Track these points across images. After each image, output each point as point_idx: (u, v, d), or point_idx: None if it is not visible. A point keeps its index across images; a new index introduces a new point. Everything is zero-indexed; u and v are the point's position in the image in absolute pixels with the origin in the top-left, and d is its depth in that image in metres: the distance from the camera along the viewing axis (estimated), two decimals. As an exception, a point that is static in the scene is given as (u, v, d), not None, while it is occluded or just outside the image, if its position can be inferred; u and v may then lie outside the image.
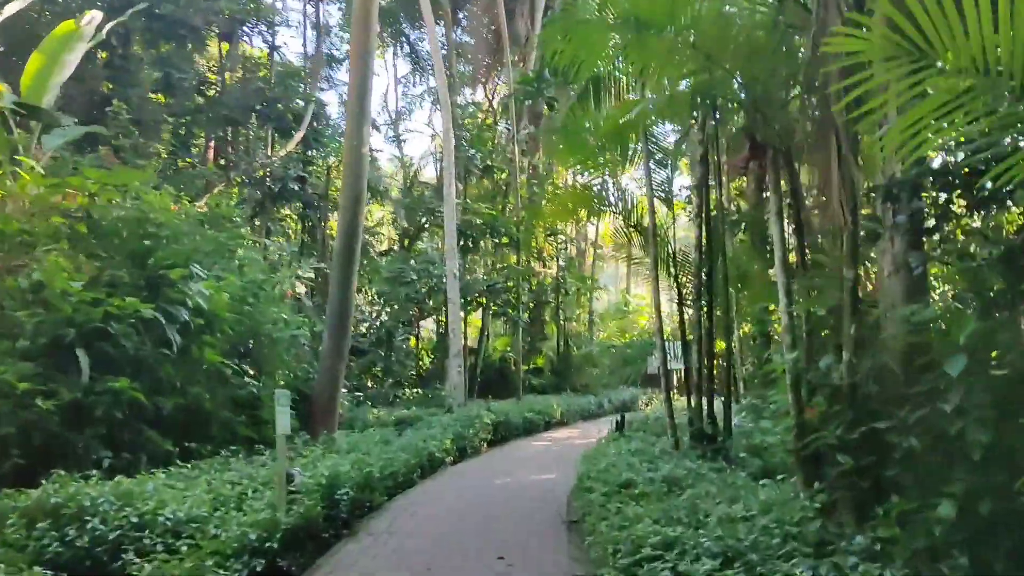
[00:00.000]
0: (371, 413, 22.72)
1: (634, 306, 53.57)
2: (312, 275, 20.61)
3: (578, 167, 13.61)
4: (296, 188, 21.44)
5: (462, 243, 23.18)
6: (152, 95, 22.87)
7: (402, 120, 36.77)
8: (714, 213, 13.08)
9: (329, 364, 16.06)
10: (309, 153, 26.06)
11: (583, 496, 9.92)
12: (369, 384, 27.14)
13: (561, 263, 31.11)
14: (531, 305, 32.08)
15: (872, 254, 8.00)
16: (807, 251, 8.66)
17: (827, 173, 8.02)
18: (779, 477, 9.29)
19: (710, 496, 8.47)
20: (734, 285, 12.97)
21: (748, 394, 14.18)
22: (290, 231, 27.41)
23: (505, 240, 25.69)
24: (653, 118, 12.19)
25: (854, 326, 7.30)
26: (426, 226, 30.56)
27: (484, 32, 33.04)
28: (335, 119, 31.70)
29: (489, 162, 27.17)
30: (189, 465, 11.62)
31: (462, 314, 23.54)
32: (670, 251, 13.58)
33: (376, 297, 31.39)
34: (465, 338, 24.53)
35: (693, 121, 12.61)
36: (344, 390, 25.71)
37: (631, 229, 14.26)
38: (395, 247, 32.83)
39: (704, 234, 12.87)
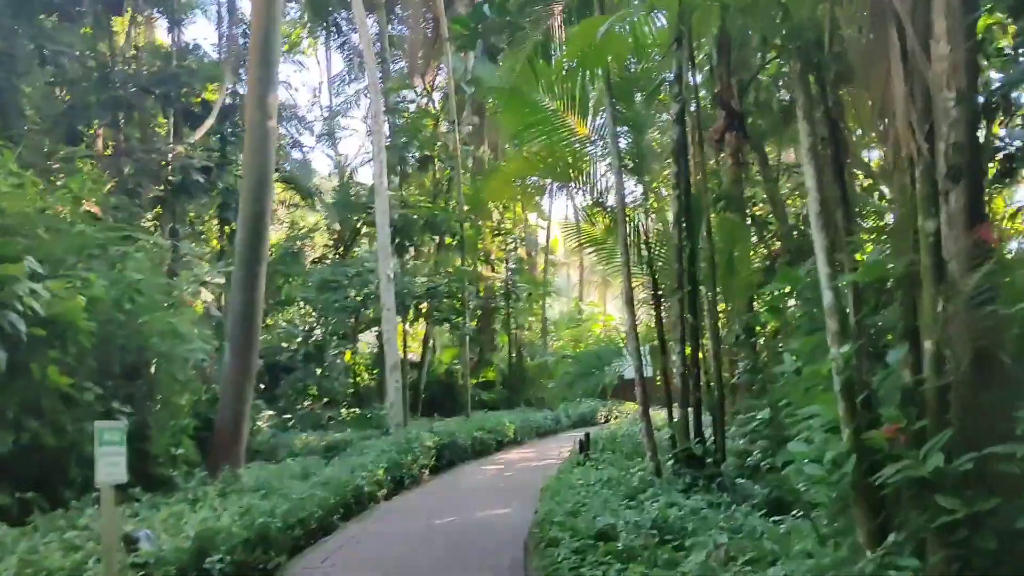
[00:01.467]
0: (298, 439, 19.91)
1: (588, 314, 51.37)
2: (223, 280, 17.80)
3: (526, 134, 11.10)
4: (201, 180, 18.58)
5: (397, 241, 20.51)
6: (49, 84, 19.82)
7: (337, 118, 33.87)
8: (696, 184, 10.67)
9: (233, 385, 13.27)
10: (227, 149, 23.28)
11: (546, 553, 7.32)
12: (302, 405, 24.22)
13: (510, 266, 28.59)
14: (479, 312, 29.46)
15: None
16: (848, 202, 6.24)
17: (885, 91, 5.59)
18: (797, 513, 6.90)
19: (725, 553, 5.99)
20: (722, 270, 10.55)
21: (737, 405, 11.80)
22: (204, 234, 24.33)
23: (449, 241, 23.04)
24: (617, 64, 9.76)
25: (941, 300, 4.91)
26: (362, 230, 27.81)
27: (421, 21, 30.53)
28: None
29: (428, 152, 24.50)
30: (27, 521, 8.82)
31: (399, 322, 20.85)
32: (642, 231, 11.14)
33: (309, 310, 28.55)
34: (404, 350, 21.81)
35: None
36: (268, 412, 22.97)
37: (594, 207, 11.78)
38: (330, 255, 29.99)
39: (683, 209, 10.46)
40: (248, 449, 17.60)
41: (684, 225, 10.49)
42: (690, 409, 10.52)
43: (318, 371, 22.97)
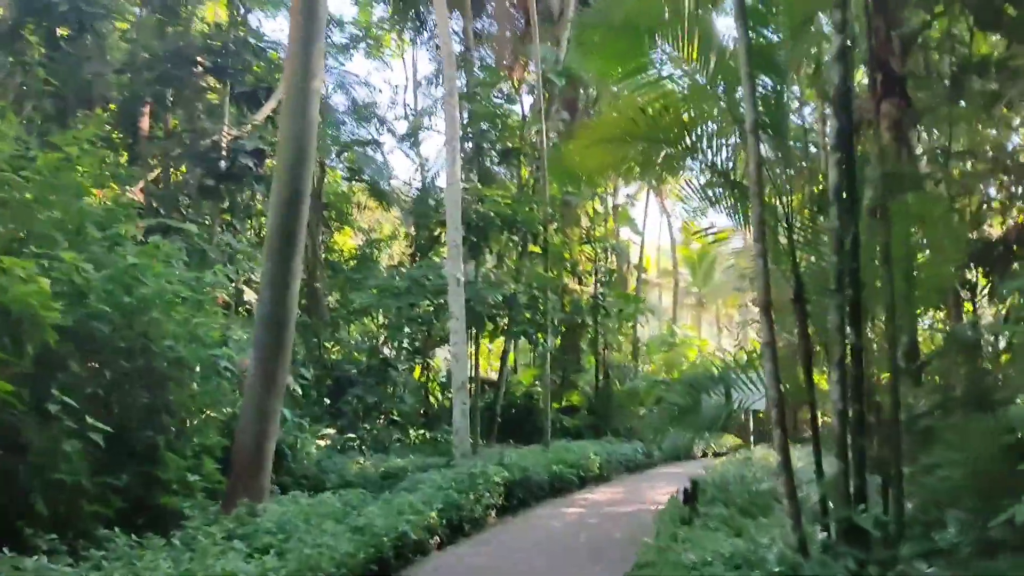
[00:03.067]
0: (354, 464, 17.52)
1: (682, 338, 47.97)
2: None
3: (628, 80, 8.33)
4: (251, 166, 16.52)
5: (471, 242, 17.92)
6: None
7: (423, 118, 31.71)
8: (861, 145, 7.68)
9: (255, 399, 10.86)
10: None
11: None
12: (366, 425, 21.87)
13: (600, 278, 25.63)
14: (562, 329, 26.63)
15: None
16: None
17: None
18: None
19: None
20: (901, 267, 7.49)
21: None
22: (252, 227, 22.14)
23: (533, 248, 20.22)
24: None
25: None
26: (441, 236, 25.44)
27: (509, 14, 28.18)
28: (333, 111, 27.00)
29: (511, 144, 21.92)
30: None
31: (472, 335, 18.24)
32: (784, 208, 8.13)
33: (379, 321, 26.31)
34: (476, 368, 19.19)
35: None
36: (327, 431, 20.64)
37: (716, 176, 8.84)
38: (406, 263, 27.74)
39: (845, 180, 7.46)
40: (287, 475, 15.38)
41: (846, 202, 7.49)
42: (850, 458, 7.45)
43: (383, 388, 20.55)
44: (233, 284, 15.44)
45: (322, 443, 19.97)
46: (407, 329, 21.31)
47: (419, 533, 10.57)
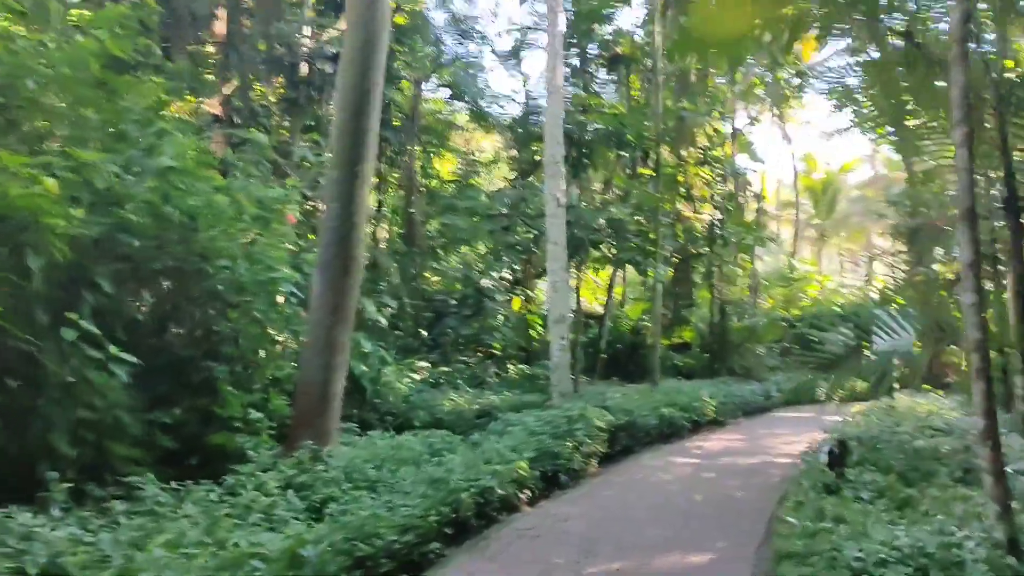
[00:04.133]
0: (447, 400, 16.27)
1: (802, 273, 44.80)
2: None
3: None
4: (330, 72, 15.03)
5: (573, 158, 15.96)
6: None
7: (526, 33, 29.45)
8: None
9: (321, 327, 9.50)
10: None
11: None
12: (462, 358, 20.60)
13: (717, 203, 23.11)
14: (675, 260, 24.48)
15: None
16: None
17: None
18: None
19: None
20: None
21: None
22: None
23: (646, 172, 17.96)
24: None
25: None
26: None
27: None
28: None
29: (620, 50, 19.51)
30: None
31: (574, 264, 16.45)
32: (995, 82, 5.90)
33: (476, 252, 24.79)
34: (577, 300, 17.41)
35: None
36: (422, 364, 19.47)
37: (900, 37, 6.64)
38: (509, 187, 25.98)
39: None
40: (372, 411, 14.21)
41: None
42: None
43: (481, 320, 19.12)
44: (308, 201, 14.14)
45: (417, 376, 18.90)
46: (504, 257, 19.69)
47: (507, 487, 9.08)
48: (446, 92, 27.33)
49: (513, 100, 26.28)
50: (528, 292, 24.47)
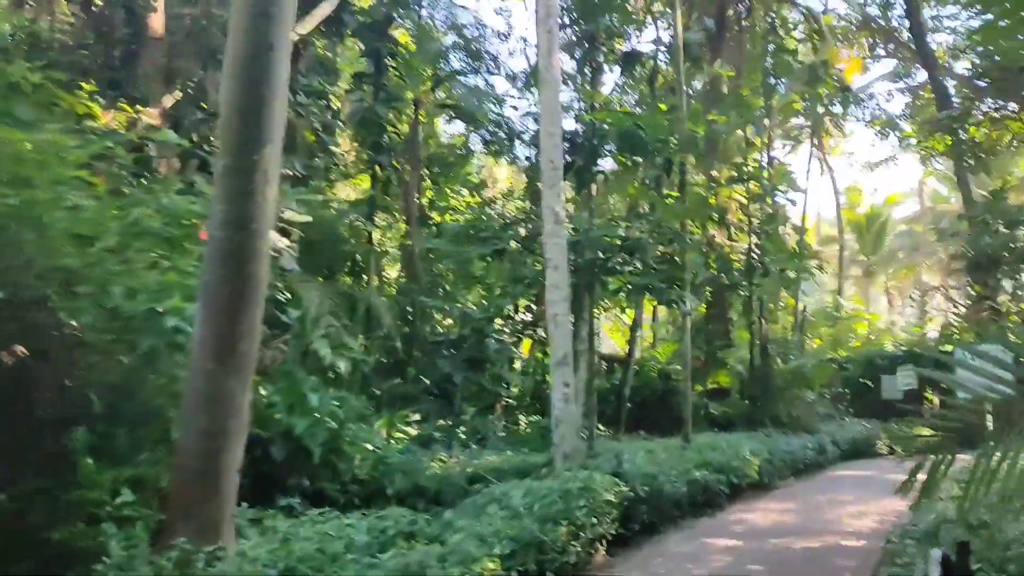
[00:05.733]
0: (436, 462, 13.54)
1: (849, 311, 41.54)
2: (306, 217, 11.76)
3: None
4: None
5: (577, 165, 13.20)
6: None
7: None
8: None
9: (202, 377, 6.80)
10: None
11: None
12: (465, 414, 17.80)
13: (755, 227, 20.03)
14: (708, 293, 21.53)
15: None
16: None
17: None
18: None
19: None
20: None
21: None
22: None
23: (671, 195, 14.96)
24: None
25: None
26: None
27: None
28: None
29: (637, 46, 16.83)
30: None
31: (586, 294, 13.57)
32: None
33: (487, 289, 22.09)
34: (590, 338, 14.48)
35: None
36: (415, 418, 16.77)
37: None
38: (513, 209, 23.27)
39: None
40: (328, 481, 11.45)
41: None
42: None
43: (476, 366, 16.35)
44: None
45: (413, 432, 16.24)
46: (510, 293, 16.96)
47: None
48: (458, 123, 25.10)
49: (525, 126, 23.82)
50: (543, 333, 21.67)
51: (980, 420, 8.72)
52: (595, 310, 25.94)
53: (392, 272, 25.73)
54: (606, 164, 18.28)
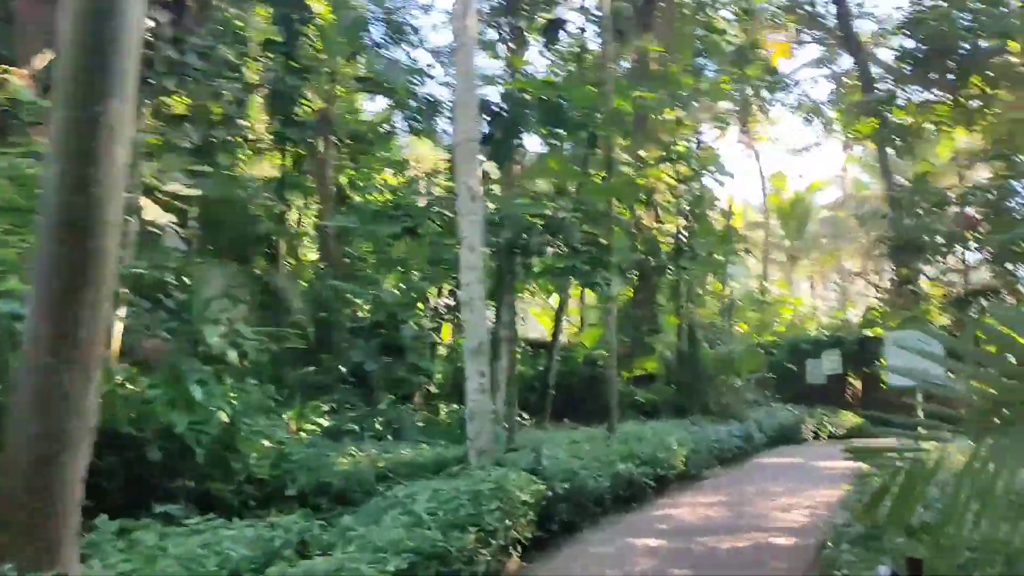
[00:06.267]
0: (346, 457, 12.55)
1: (775, 296, 41.89)
2: (181, 188, 10.59)
3: None
4: (157, 21, 11.24)
5: (496, 138, 12.33)
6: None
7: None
8: None
9: (35, 373, 5.71)
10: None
11: None
12: (384, 403, 16.76)
13: (684, 207, 19.46)
14: (635, 276, 20.97)
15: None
16: None
17: None
18: None
19: None
20: None
21: None
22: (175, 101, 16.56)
23: (596, 178, 14.19)
24: None
25: None
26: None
27: None
28: None
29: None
30: None
31: (509, 278, 12.71)
32: None
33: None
34: (513, 324, 13.64)
35: None
36: (326, 408, 15.73)
37: None
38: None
39: None
40: (218, 481, 10.38)
41: None
42: None
43: (391, 353, 15.37)
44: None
45: (325, 424, 15.30)
46: (428, 276, 15.99)
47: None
48: (382, 100, 23.87)
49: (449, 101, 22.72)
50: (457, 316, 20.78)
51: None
52: (521, 294, 25.30)
53: (313, 255, 24.48)
54: (534, 144, 17.55)
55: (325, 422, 15.36)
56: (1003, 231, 13.49)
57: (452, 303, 20.25)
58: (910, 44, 23.06)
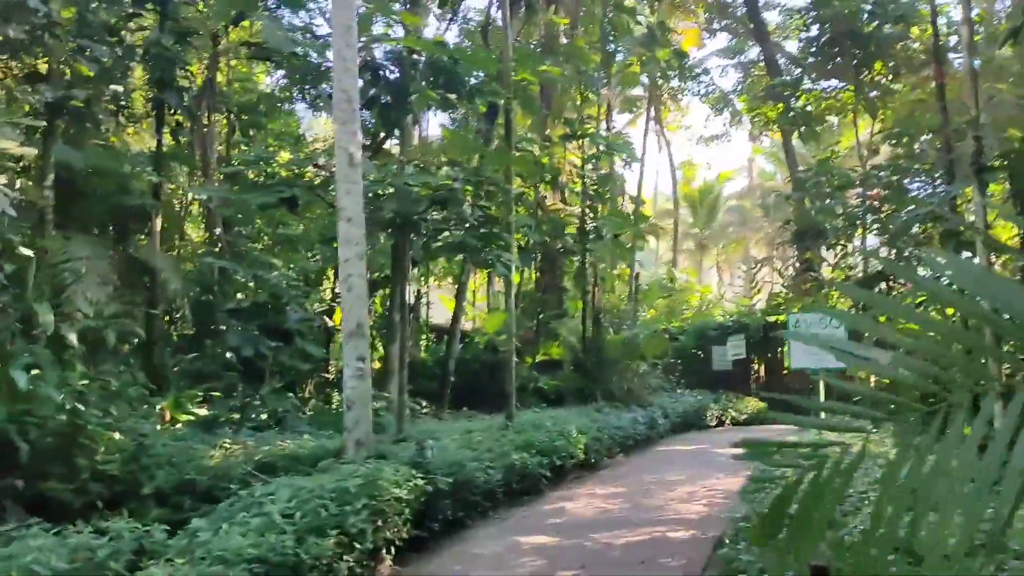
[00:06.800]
0: (218, 449, 11.41)
1: (683, 283, 42.00)
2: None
3: None
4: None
5: (383, 100, 11.22)
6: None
7: None
8: None
9: None
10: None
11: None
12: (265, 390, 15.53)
13: (590, 187, 18.79)
14: (539, 256, 20.28)
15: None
16: None
17: None
18: None
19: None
20: None
21: None
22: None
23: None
24: None
25: None
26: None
27: None
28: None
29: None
30: None
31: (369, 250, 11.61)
32: None
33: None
34: (404, 307, 12.54)
35: None
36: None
37: None
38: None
39: None
40: (65, 480, 9.16)
41: None
42: None
43: (275, 337, 14.21)
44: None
45: (202, 413, 14.14)
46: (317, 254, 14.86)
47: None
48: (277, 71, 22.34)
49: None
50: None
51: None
52: (425, 277, 24.32)
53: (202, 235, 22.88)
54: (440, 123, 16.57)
55: (204, 411, 14.20)
56: (902, 209, 13.39)
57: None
58: (816, 31, 23.04)
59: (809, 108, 22.53)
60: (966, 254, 9.43)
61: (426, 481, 8.62)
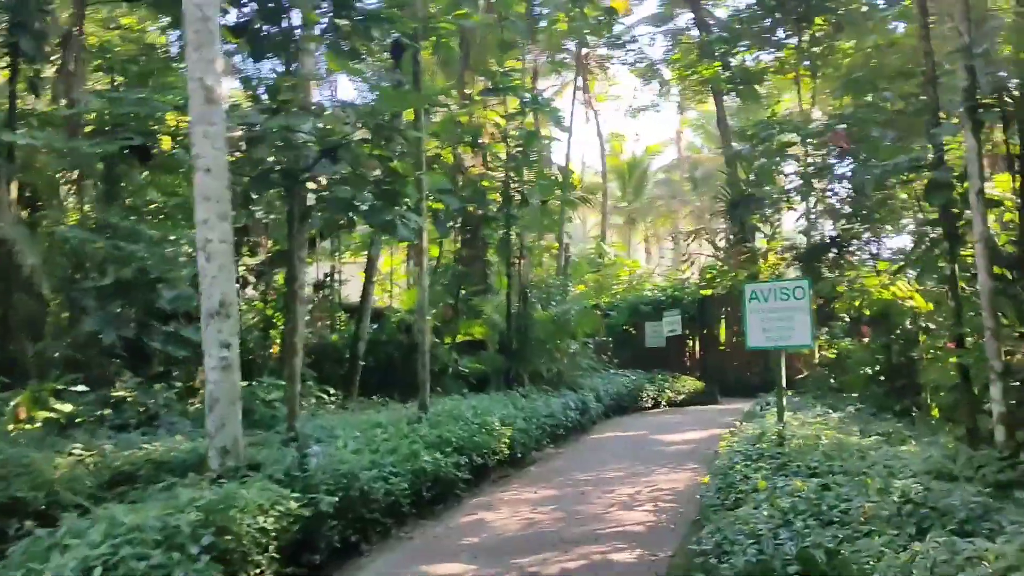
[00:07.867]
0: (67, 456, 9.30)
1: (612, 258, 40.64)
2: None
3: None
4: None
5: (250, 22, 9.07)
6: None
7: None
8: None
9: None
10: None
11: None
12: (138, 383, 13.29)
13: (514, 149, 16.91)
14: (464, 230, 18.39)
15: None
16: None
17: None
18: None
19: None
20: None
21: None
22: None
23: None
24: None
25: None
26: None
27: None
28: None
29: None
30: None
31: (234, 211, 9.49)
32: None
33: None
34: (296, 282, 10.45)
35: None
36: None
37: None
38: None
39: None
40: None
41: None
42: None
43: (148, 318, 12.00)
44: None
45: (67, 409, 11.94)
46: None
47: None
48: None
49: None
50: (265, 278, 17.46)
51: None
52: (339, 249, 22.15)
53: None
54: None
55: (69, 408, 11.94)
56: (872, 155, 12.07)
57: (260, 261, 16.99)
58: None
59: (749, 64, 21.16)
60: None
61: (304, 502, 6.72)
